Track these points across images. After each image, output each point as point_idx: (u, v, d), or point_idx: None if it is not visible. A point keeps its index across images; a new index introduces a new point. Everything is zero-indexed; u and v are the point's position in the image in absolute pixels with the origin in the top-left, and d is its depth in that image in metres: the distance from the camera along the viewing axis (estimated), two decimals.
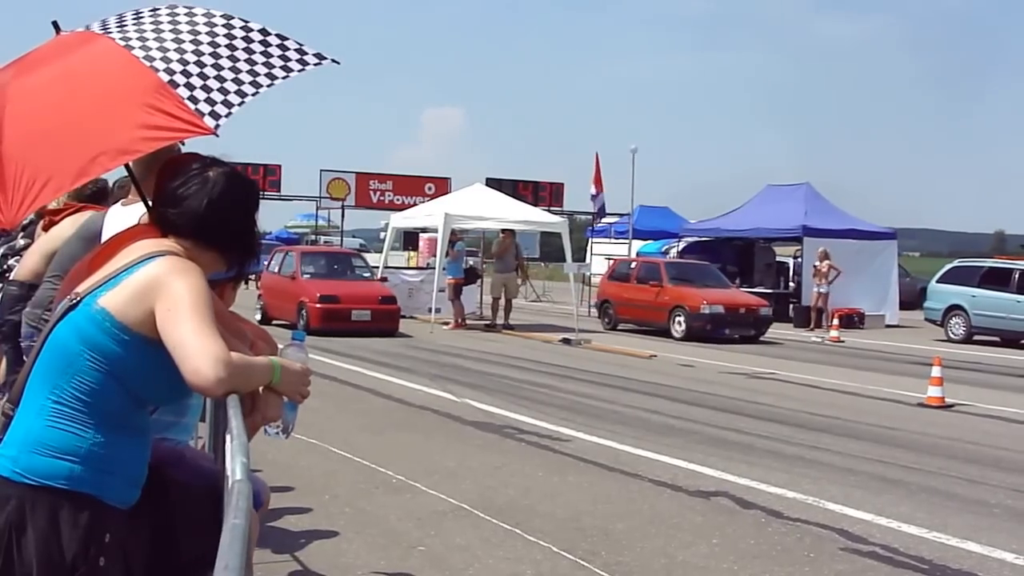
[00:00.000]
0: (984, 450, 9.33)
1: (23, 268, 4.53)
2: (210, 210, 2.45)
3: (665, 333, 20.24)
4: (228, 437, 2.15)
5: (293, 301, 18.49)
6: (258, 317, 19.15)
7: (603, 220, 31.03)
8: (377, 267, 21.66)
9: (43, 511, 2.28)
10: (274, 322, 18.66)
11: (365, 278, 19.97)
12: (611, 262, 30.54)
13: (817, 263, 23.57)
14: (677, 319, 20.17)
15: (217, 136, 2.52)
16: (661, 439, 9.11)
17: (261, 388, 2.43)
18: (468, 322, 21.65)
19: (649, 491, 7.15)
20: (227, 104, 2.55)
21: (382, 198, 38.31)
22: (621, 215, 35.73)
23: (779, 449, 8.92)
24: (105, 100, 2.56)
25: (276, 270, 20.14)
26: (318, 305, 17.92)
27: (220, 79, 2.58)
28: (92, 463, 2.31)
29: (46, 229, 4.62)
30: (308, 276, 19.12)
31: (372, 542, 5.69)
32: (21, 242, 5.46)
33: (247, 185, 2.61)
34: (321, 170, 37.89)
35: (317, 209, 39.72)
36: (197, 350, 2.20)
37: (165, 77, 2.53)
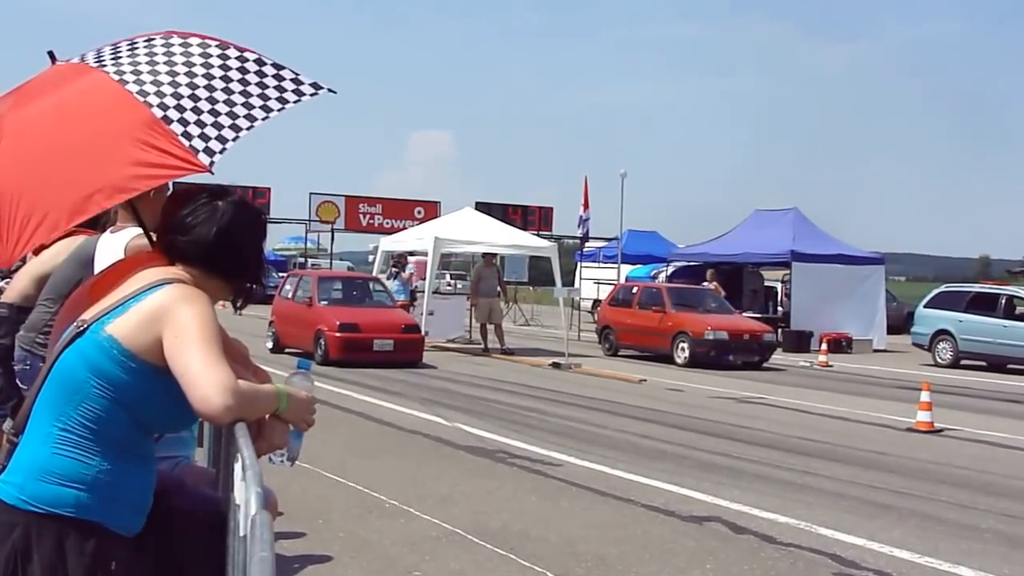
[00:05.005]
0: (974, 475, 9.37)
1: (12, 290, 4.52)
2: (219, 238, 2.47)
3: (667, 359, 20.07)
4: (238, 467, 2.16)
5: (310, 329, 17.50)
6: (270, 345, 18.67)
7: (589, 244, 31.12)
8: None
9: (49, 539, 2.29)
10: (287, 350, 18.03)
11: (386, 305, 18.91)
12: (599, 286, 30.73)
13: (708, 283, 23.92)
14: (680, 345, 19.99)
15: (212, 174, 2.52)
16: (653, 464, 9.12)
17: (267, 416, 2.45)
18: (454, 346, 21.65)
19: (642, 516, 7.16)
20: (221, 140, 2.54)
21: (371, 221, 38.37)
22: (610, 239, 35.86)
23: (770, 474, 8.94)
24: (99, 136, 2.55)
25: (290, 295, 19.10)
26: (338, 334, 16.90)
27: (214, 113, 2.57)
28: (98, 491, 2.31)
29: (36, 252, 4.62)
30: (325, 302, 18.07)
31: (367, 567, 5.68)
32: (13, 265, 5.45)
33: (255, 214, 2.64)
34: (311, 193, 38.01)
35: (307, 232, 39.75)
36: (205, 378, 2.22)
37: (159, 113, 2.53)
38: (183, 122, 2.53)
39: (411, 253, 26.74)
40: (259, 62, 2.77)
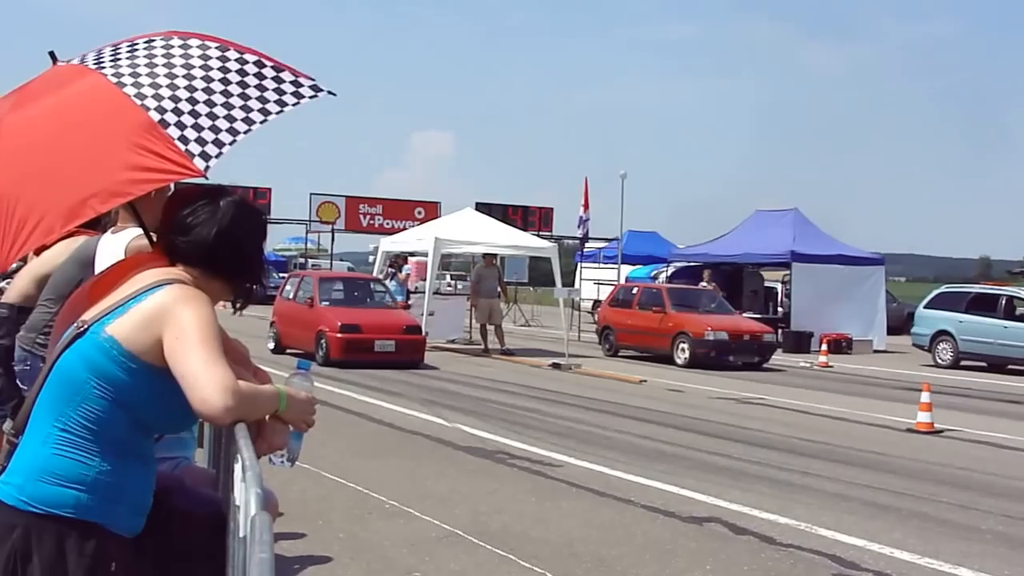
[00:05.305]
0: (974, 475, 9.37)
1: (12, 290, 4.52)
2: (219, 239, 2.47)
3: (667, 360, 20.06)
4: (238, 468, 2.16)
5: (311, 330, 17.51)
6: (271, 346, 18.70)
7: (589, 244, 31.15)
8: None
9: (49, 539, 2.29)
10: (288, 351, 18.02)
11: (387, 305, 19.01)
12: (599, 287, 30.73)
13: (705, 284, 24.06)
14: (681, 345, 19.97)
15: (207, 178, 2.51)
16: (652, 464, 9.12)
17: (267, 416, 2.45)
18: (454, 346, 21.66)
19: (642, 517, 7.16)
20: (218, 144, 2.52)
21: (372, 222, 38.41)
22: (610, 240, 35.87)
23: (770, 475, 8.94)
24: (95, 140, 2.55)
25: (291, 296, 19.12)
26: (339, 335, 16.88)
27: (212, 116, 2.56)
28: (99, 491, 2.31)
29: (37, 253, 4.61)
30: (327, 303, 18.07)
31: (367, 568, 5.68)
32: (14, 265, 5.45)
33: (256, 214, 2.64)
34: (311, 194, 38.07)
35: (307, 232, 39.82)
36: (205, 379, 2.22)
37: (156, 116, 2.51)
38: (180, 126, 2.52)
39: (411, 254, 26.75)
40: (259, 63, 2.75)
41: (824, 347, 22.05)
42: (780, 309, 26.35)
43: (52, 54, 2.89)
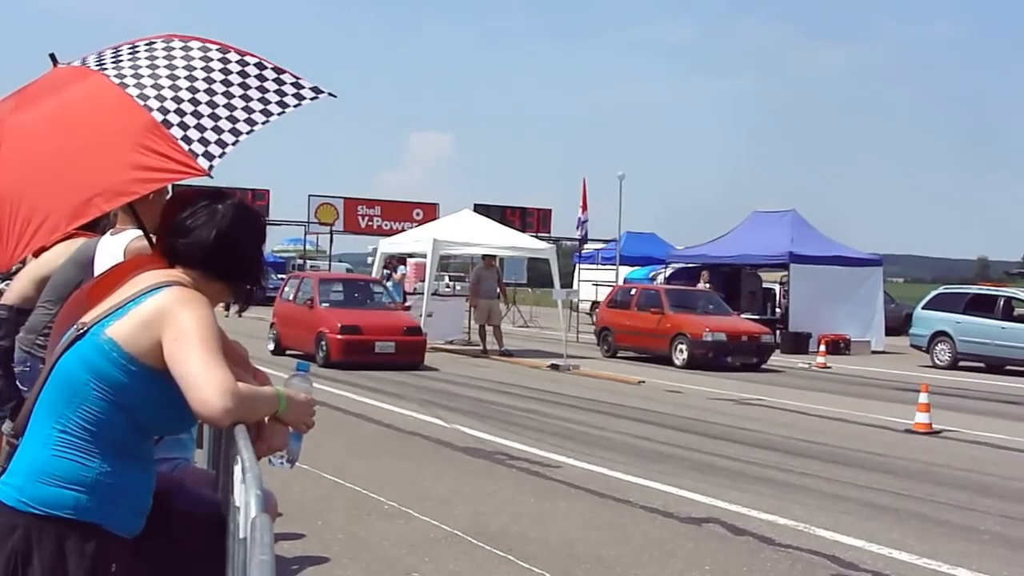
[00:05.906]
0: (972, 476, 9.38)
1: (11, 292, 4.52)
2: (219, 241, 2.48)
3: (666, 361, 20.07)
4: (238, 469, 2.16)
5: (311, 331, 17.49)
6: (271, 347, 18.70)
7: (587, 246, 31.15)
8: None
9: (49, 541, 2.29)
10: (288, 352, 18.00)
11: (387, 307, 19.08)
12: (597, 288, 30.74)
13: (703, 284, 24.13)
14: (679, 347, 19.98)
15: (211, 177, 2.52)
16: (651, 465, 9.12)
17: (267, 418, 2.45)
18: (453, 347, 21.66)
19: (641, 518, 7.16)
20: (221, 144, 2.54)
21: (370, 223, 38.38)
22: (608, 241, 35.87)
23: (769, 475, 8.94)
24: (99, 140, 2.56)
25: (291, 297, 19.09)
26: (339, 336, 16.82)
27: (214, 117, 2.57)
28: (98, 493, 2.32)
29: (36, 255, 4.62)
30: (327, 304, 18.03)
31: (366, 568, 5.68)
32: (14, 266, 5.45)
33: (255, 217, 2.64)
34: (309, 195, 38.05)
35: (305, 234, 39.79)
36: (205, 380, 2.23)
37: (159, 117, 2.53)
38: (183, 126, 2.53)
39: (410, 255, 26.75)
40: (260, 66, 2.77)
41: (822, 348, 22.07)
42: (778, 310, 26.36)
43: (53, 56, 2.90)
